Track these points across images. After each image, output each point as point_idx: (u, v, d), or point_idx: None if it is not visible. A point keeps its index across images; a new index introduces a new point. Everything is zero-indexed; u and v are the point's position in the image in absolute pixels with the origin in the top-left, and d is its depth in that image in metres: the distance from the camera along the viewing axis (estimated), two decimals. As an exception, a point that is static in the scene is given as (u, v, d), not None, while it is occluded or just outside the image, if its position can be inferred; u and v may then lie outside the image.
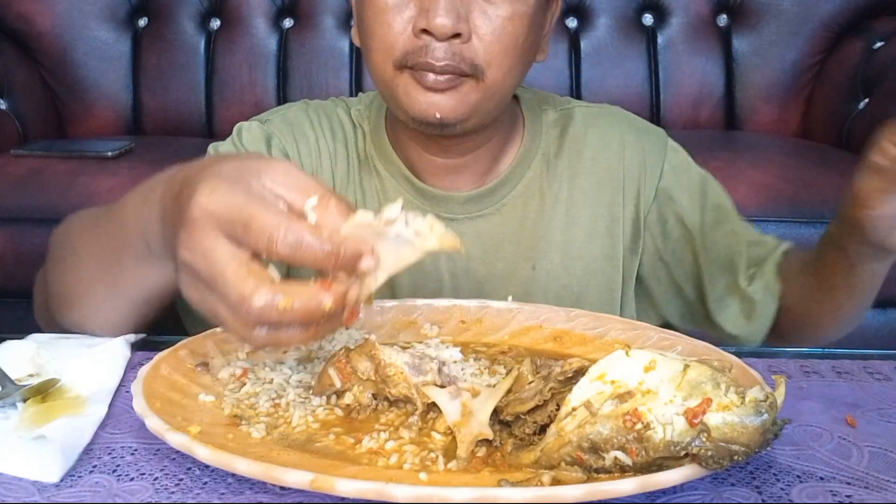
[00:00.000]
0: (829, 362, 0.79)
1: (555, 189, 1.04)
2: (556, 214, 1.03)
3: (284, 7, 2.37)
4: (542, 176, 1.04)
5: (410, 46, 0.88)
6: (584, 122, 1.07)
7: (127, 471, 0.59)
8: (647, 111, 2.30)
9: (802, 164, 1.96)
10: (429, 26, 0.86)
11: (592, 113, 1.09)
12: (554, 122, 1.07)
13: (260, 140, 1.04)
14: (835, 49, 2.29)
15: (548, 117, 1.07)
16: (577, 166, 1.05)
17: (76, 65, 2.35)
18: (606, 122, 1.08)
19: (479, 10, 0.88)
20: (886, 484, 0.58)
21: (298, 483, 0.51)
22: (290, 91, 2.36)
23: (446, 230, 0.61)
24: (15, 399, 0.66)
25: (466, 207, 1.02)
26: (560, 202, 1.04)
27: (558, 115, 1.08)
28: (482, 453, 0.59)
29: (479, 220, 1.02)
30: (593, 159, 1.05)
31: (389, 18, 0.88)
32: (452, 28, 0.86)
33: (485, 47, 0.88)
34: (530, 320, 0.83)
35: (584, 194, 1.04)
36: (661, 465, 0.53)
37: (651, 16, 2.35)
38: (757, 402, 0.54)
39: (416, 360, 0.64)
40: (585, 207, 1.04)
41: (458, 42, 0.87)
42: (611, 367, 0.56)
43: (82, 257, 0.82)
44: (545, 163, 1.04)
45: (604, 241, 1.04)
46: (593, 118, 1.08)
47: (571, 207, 1.04)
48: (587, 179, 1.04)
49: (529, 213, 1.03)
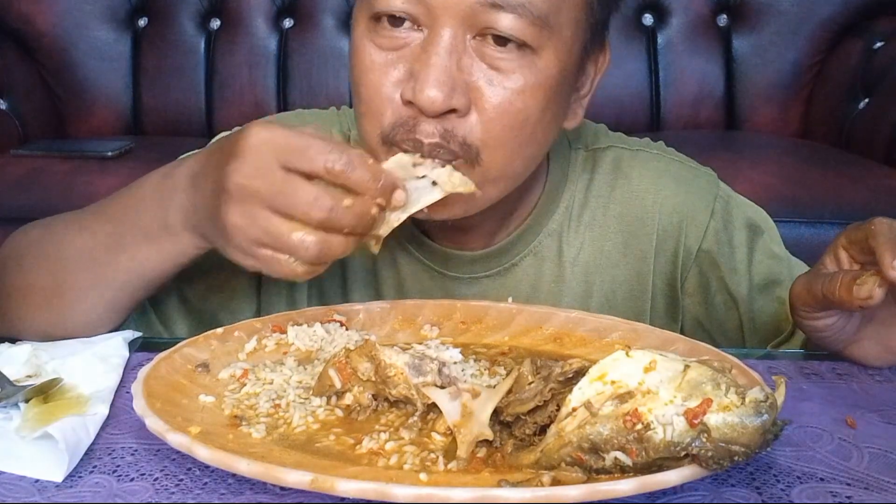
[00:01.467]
0: (829, 364, 0.79)
1: (574, 249, 0.91)
2: (574, 278, 0.92)
3: (284, 7, 2.37)
4: (563, 232, 0.91)
5: (398, 118, 0.74)
6: (614, 168, 0.93)
7: (127, 471, 0.59)
8: (647, 111, 2.30)
9: (802, 164, 1.96)
10: (415, 99, 0.71)
11: (626, 157, 0.94)
12: (581, 167, 0.93)
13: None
14: (835, 49, 2.29)
15: (577, 160, 0.93)
16: (602, 223, 0.92)
17: (76, 65, 2.35)
18: (641, 168, 0.93)
19: (485, 78, 0.73)
20: (886, 485, 0.58)
21: (298, 483, 0.51)
22: (290, 91, 2.36)
23: (462, 179, 0.71)
24: (17, 399, 0.66)
25: (472, 268, 0.91)
26: (578, 265, 0.92)
27: (588, 156, 0.93)
28: (482, 454, 0.59)
29: (485, 280, 0.91)
30: (620, 216, 0.92)
31: (376, 80, 0.74)
32: (444, 103, 0.71)
33: (483, 125, 0.74)
34: (530, 321, 0.83)
35: (606, 257, 0.92)
36: (661, 465, 0.53)
37: (651, 16, 2.35)
38: (757, 403, 0.54)
39: (416, 361, 0.64)
40: (606, 272, 0.92)
41: (455, 117, 0.73)
42: (611, 368, 0.56)
43: (60, 256, 0.80)
44: (567, 216, 0.91)
45: (625, 307, 0.92)
46: (627, 163, 0.93)
47: (590, 273, 0.92)
48: (611, 240, 0.92)
49: (544, 276, 0.92)
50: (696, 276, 0.93)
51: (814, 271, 0.76)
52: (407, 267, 0.92)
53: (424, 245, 0.91)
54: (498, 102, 0.73)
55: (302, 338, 0.78)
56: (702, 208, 0.92)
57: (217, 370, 0.71)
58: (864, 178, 1.86)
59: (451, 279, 0.91)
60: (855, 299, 0.68)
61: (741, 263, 0.93)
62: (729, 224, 0.93)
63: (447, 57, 0.72)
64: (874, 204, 1.76)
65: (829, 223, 1.73)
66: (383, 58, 0.74)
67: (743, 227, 0.94)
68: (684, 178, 0.94)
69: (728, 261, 0.93)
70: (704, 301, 0.94)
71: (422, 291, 0.91)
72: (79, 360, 0.73)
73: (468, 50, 0.73)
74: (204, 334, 0.75)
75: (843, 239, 0.75)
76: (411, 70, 0.73)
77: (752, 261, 0.93)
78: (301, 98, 2.34)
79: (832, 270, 0.74)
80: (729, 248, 0.93)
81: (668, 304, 0.94)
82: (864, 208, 1.75)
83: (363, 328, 0.82)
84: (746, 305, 0.93)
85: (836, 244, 0.75)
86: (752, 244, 0.93)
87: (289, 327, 0.79)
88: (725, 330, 0.95)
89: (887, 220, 0.70)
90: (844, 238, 0.74)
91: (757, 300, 0.93)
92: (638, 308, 0.93)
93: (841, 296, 0.69)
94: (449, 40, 0.72)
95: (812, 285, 0.73)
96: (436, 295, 0.90)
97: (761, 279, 0.93)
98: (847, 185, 1.83)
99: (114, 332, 0.80)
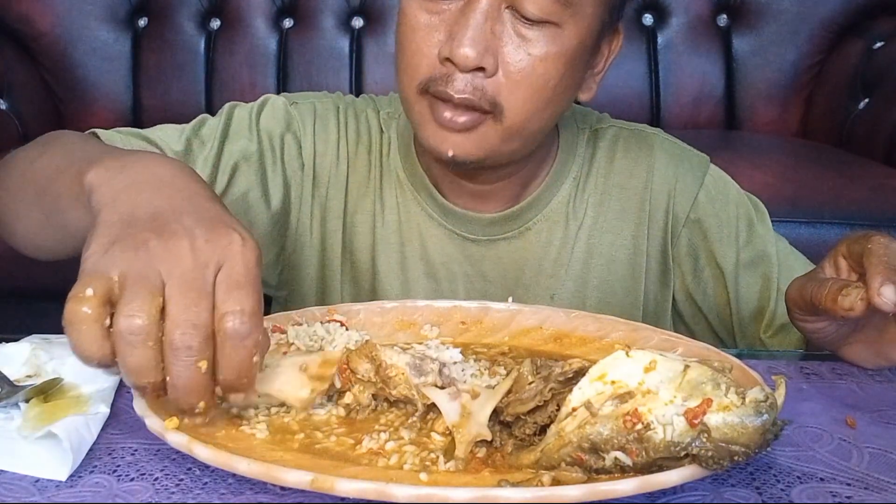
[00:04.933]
0: (829, 364, 0.79)
1: (580, 215, 0.99)
2: (578, 242, 0.99)
3: (284, 7, 2.37)
4: (571, 200, 0.99)
5: (434, 72, 0.83)
6: (613, 144, 1.01)
7: (127, 471, 0.59)
8: (647, 111, 2.30)
9: (802, 164, 1.96)
10: (451, 55, 0.81)
11: (624, 135, 1.03)
12: (585, 144, 1.01)
13: (279, 120, 0.99)
14: (835, 49, 2.29)
15: (582, 137, 1.02)
16: (602, 192, 1.00)
17: (76, 65, 2.35)
18: (637, 145, 1.01)
19: (513, 45, 0.82)
20: (886, 485, 0.58)
21: (298, 483, 0.51)
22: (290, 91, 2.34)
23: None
24: (17, 399, 0.66)
25: (489, 230, 0.98)
26: (583, 229, 0.99)
27: (591, 134, 1.02)
28: (482, 454, 0.59)
29: (501, 243, 0.99)
30: (620, 186, 1.00)
31: (419, 39, 0.84)
32: (476, 61, 0.80)
33: (509, 85, 0.82)
34: (530, 321, 0.83)
35: (607, 222, 0.99)
36: (662, 465, 0.53)
37: (651, 16, 2.35)
38: (757, 403, 0.54)
39: (416, 361, 0.64)
40: (607, 236, 0.99)
41: (482, 76, 0.82)
42: (611, 368, 0.56)
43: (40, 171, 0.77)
44: (575, 186, 1.00)
45: (624, 271, 0.99)
46: (624, 141, 1.02)
47: (593, 236, 0.99)
48: (612, 207, 0.99)
49: (554, 239, 0.99)
50: (685, 244, 0.99)
51: (810, 275, 0.78)
52: (429, 230, 0.99)
53: (446, 208, 0.98)
54: (522, 66, 0.82)
55: (302, 338, 0.78)
56: (692, 180, 0.99)
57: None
58: (864, 178, 1.86)
59: (470, 241, 0.98)
60: (839, 309, 0.70)
61: (729, 237, 0.98)
62: (719, 197, 0.99)
63: (482, 21, 0.81)
64: (874, 204, 1.76)
65: (829, 223, 1.73)
66: (427, 20, 0.83)
67: (732, 203, 0.99)
68: (677, 154, 1.02)
69: (716, 232, 0.98)
70: (693, 270, 1.00)
71: (443, 254, 1.00)
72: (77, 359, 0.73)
73: (501, 18, 0.82)
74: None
75: (844, 248, 0.76)
76: (450, 32, 0.82)
77: (739, 236, 0.98)
78: (301, 98, 2.34)
79: (829, 276, 0.76)
80: (717, 221, 0.98)
81: (660, 270, 1.00)
82: (864, 208, 1.75)
83: (363, 328, 0.82)
84: (733, 278, 0.98)
85: (836, 251, 0.77)
86: (741, 221, 0.99)
87: (289, 327, 0.79)
88: (715, 304, 0.99)
89: (885, 241, 0.71)
90: (845, 247, 0.76)
91: (743, 276, 0.98)
92: (635, 271, 1.00)
93: (826, 304, 0.71)
94: (485, 7, 0.81)
95: (804, 290, 0.75)
96: (456, 257, 0.99)
97: (748, 256, 0.98)
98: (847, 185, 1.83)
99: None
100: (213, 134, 0.97)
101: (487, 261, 0.98)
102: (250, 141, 0.97)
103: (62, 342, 0.77)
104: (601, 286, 0.99)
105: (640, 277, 0.99)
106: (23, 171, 0.81)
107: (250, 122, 0.99)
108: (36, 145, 0.83)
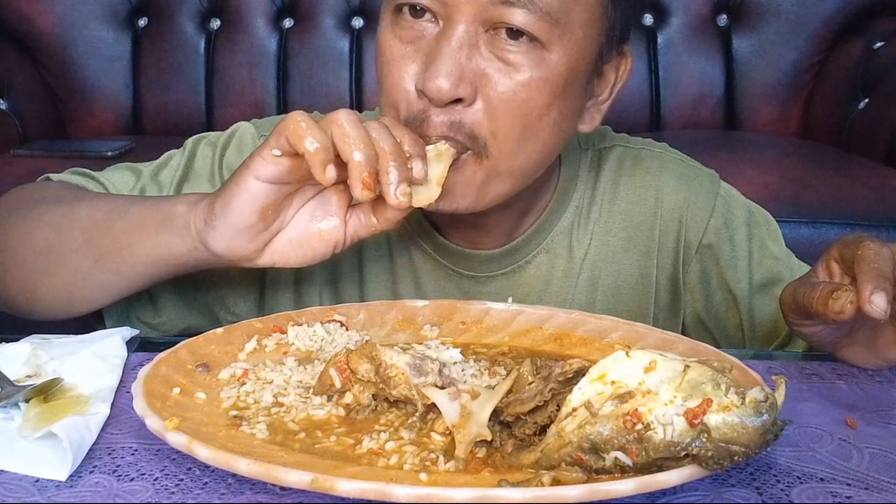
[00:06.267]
0: (829, 364, 0.79)
1: (584, 245, 0.94)
2: (581, 273, 0.94)
3: (284, 7, 2.37)
4: (574, 229, 0.94)
5: (412, 109, 0.77)
6: (618, 166, 0.96)
7: (127, 471, 0.59)
8: (647, 111, 2.30)
9: (802, 164, 1.96)
10: (424, 88, 0.75)
11: (630, 155, 0.97)
12: (588, 167, 0.95)
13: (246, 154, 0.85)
14: (835, 49, 2.29)
15: (585, 160, 0.96)
16: (607, 219, 0.94)
17: (76, 65, 2.35)
18: (644, 166, 0.96)
19: (493, 69, 0.76)
20: (886, 485, 0.58)
21: (299, 483, 0.51)
22: (290, 91, 2.36)
23: (446, 147, 0.76)
24: (17, 399, 0.66)
25: (487, 266, 0.93)
26: (587, 260, 0.94)
27: (594, 155, 0.96)
28: (482, 454, 0.59)
29: (499, 279, 0.94)
30: (625, 212, 0.94)
31: (395, 72, 0.78)
32: (451, 92, 0.74)
33: (489, 114, 0.76)
34: (530, 321, 0.83)
35: (611, 251, 0.94)
36: (662, 465, 0.53)
37: (651, 16, 2.35)
38: (757, 403, 0.54)
39: (417, 362, 0.64)
40: (612, 266, 0.94)
41: (461, 107, 0.76)
42: (611, 368, 0.56)
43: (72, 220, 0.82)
44: (577, 214, 0.94)
45: (630, 301, 0.94)
46: (630, 162, 0.96)
47: (597, 267, 0.94)
48: (617, 235, 0.94)
49: (556, 271, 0.94)
50: (696, 271, 0.95)
51: (803, 279, 0.78)
52: (423, 266, 0.95)
53: (440, 245, 0.93)
54: (503, 91, 0.76)
55: (302, 338, 0.78)
56: (703, 204, 0.94)
57: (217, 370, 0.71)
58: (864, 178, 1.86)
59: (467, 278, 0.94)
60: (829, 312, 0.70)
61: (742, 261, 0.94)
62: (730, 221, 0.95)
63: (457, 49, 0.75)
64: (874, 204, 1.76)
65: (828, 223, 1.73)
66: (402, 50, 0.78)
67: (744, 226, 0.95)
68: (686, 175, 0.96)
69: (728, 257, 0.94)
70: (705, 297, 0.96)
71: (438, 290, 0.94)
72: (78, 359, 0.73)
73: (479, 43, 0.76)
74: (204, 334, 0.75)
75: (835, 252, 0.76)
76: (424, 62, 0.76)
77: (752, 259, 0.95)
78: (301, 98, 2.34)
79: (822, 279, 0.76)
80: (730, 245, 0.94)
81: (670, 299, 0.96)
82: (864, 208, 1.75)
83: (363, 328, 0.82)
84: (746, 303, 0.94)
85: (828, 255, 0.77)
86: (753, 243, 0.95)
87: (289, 327, 0.79)
88: (726, 328, 0.96)
89: (875, 246, 0.71)
90: (836, 251, 0.76)
91: (756, 299, 0.94)
92: (642, 302, 0.95)
93: (817, 308, 0.71)
94: (461, 33, 0.75)
95: (796, 294, 0.75)
96: (452, 294, 0.93)
97: (761, 278, 0.94)
98: (847, 185, 1.83)
99: (111, 330, 0.80)
100: (172, 177, 0.93)
101: (485, 297, 0.91)
102: (211, 184, 0.92)
103: (62, 342, 0.77)
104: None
105: (649, 307, 0.95)
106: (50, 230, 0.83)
107: (212, 161, 0.94)
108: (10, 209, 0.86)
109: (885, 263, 0.69)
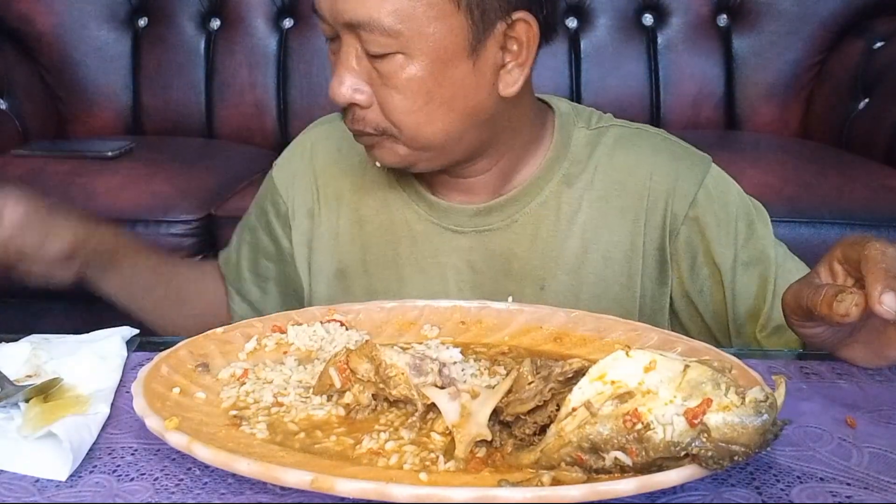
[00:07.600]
0: (829, 363, 0.79)
1: (573, 209, 0.99)
2: (570, 236, 0.99)
3: (284, 7, 2.37)
4: (561, 195, 0.99)
5: (342, 108, 0.91)
6: (614, 143, 1.01)
7: (127, 471, 0.59)
8: (647, 111, 2.29)
9: (802, 164, 1.96)
10: (329, 96, 0.88)
11: (626, 135, 1.02)
12: (584, 142, 1.01)
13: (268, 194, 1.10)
14: (835, 49, 2.28)
15: (578, 135, 1.01)
16: (601, 189, 0.99)
17: (76, 65, 2.35)
18: (639, 145, 1.01)
19: (375, 79, 0.87)
20: (886, 485, 0.58)
21: (298, 483, 0.51)
22: (290, 91, 2.35)
23: None
24: (17, 399, 0.66)
25: (475, 221, 0.99)
26: (576, 224, 0.99)
27: (592, 133, 1.01)
28: (482, 454, 0.59)
29: (487, 234, 0.99)
30: (619, 183, 0.99)
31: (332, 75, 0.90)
32: (347, 98, 0.87)
33: (385, 114, 0.88)
34: (530, 321, 0.83)
35: (604, 219, 0.99)
36: (661, 465, 0.53)
37: (651, 16, 2.35)
38: (757, 403, 0.54)
39: (416, 361, 0.64)
40: (604, 232, 0.99)
41: (360, 109, 0.88)
42: (611, 368, 0.56)
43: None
44: (565, 182, 0.99)
45: (620, 268, 0.99)
46: (626, 140, 1.01)
47: (588, 231, 0.99)
48: (610, 204, 0.99)
49: (542, 231, 0.99)
50: (683, 242, 0.98)
51: (805, 280, 0.78)
52: (418, 225, 1.02)
53: (433, 204, 1.00)
54: (386, 94, 0.86)
55: (302, 338, 0.78)
56: (692, 179, 0.98)
57: (217, 370, 0.71)
58: (864, 178, 1.86)
59: (458, 233, 1.00)
60: (834, 315, 0.70)
61: (727, 236, 0.97)
62: (719, 196, 0.98)
63: (348, 60, 0.86)
64: (874, 204, 1.76)
65: (828, 223, 1.73)
66: (332, 61, 0.90)
67: (732, 203, 0.98)
68: (678, 153, 1.01)
69: (715, 231, 0.97)
70: (690, 269, 0.99)
71: (432, 247, 1.01)
72: (78, 359, 0.73)
73: (362, 56, 0.87)
74: (204, 334, 0.75)
75: (839, 253, 0.76)
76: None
77: (738, 235, 0.97)
78: (301, 98, 2.34)
79: (824, 281, 0.76)
80: (716, 219, 0.97)
81: (658, 269, 0.99)
82: (864, 208, 1.75)
83: (363, 328, 0.82)
84: (730, 277, 0.97)
85: (831, 256, 0.77)
86: (741, 222, 0.98)
87: (289, 327, 0.79)
88: (710, 303, 0.98)
89: (881, 246, 0.71)
90: (840, 253, 0.76)
91: (740, 275, 0.97)
92: (631, 269, 0.99)
93: (822, 310, 0.71)
94: (347, 48, 0.86)
95: (799, 296, 0.75)
96: (444, 249, 1.00)
97: (747, 255, 0.97)
98: (847, 185, 1.83)
99: (111, 330, 0.80)
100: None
101: (475, 252, 0.99)
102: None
103: (62, 342, 0.78)
104: (597, 283, 0.99)
105: (637, 275, 0.99)
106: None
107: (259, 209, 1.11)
108: None
109: (893, 263, 0.69)
